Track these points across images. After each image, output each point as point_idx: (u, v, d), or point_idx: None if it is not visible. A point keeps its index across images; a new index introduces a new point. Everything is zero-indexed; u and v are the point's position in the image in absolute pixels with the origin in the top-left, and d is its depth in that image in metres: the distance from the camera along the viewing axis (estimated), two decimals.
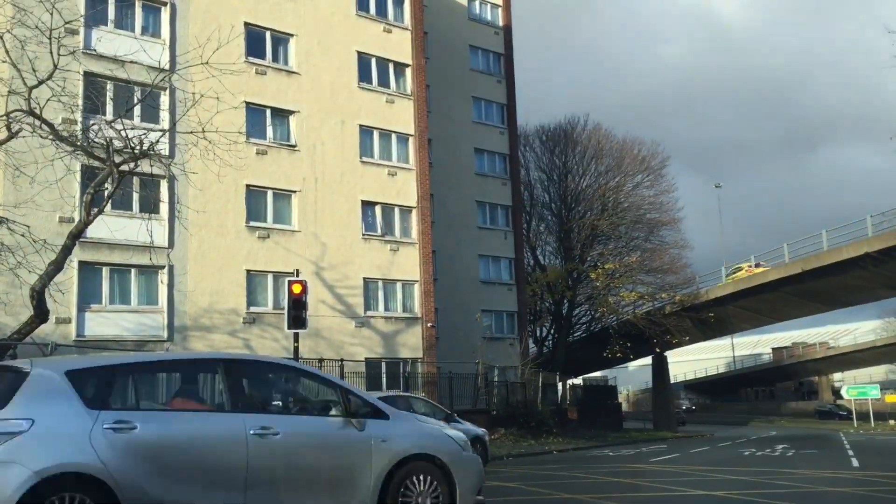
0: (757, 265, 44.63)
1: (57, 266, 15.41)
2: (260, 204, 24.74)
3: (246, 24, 25.10)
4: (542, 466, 17.95)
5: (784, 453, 22.22)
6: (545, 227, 48.35)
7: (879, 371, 76.87)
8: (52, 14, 14.50)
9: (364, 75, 27.95)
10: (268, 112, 25.33)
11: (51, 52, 14.60)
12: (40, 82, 14.87)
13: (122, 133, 15.79)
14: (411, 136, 28.89)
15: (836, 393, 70.58)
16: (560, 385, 43.28)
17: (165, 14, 23.61)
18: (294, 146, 25.70)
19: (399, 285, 27.69)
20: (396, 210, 28.05)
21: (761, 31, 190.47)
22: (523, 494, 12.02)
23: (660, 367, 51.28)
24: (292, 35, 26.28)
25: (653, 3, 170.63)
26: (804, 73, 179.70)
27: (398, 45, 29.21)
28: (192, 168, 20.87)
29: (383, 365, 26.73)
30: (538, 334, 46.88)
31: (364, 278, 26.58)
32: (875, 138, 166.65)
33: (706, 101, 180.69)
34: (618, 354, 43.50)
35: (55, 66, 14.73)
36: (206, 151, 17.75)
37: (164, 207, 22.20)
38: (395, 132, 28.50)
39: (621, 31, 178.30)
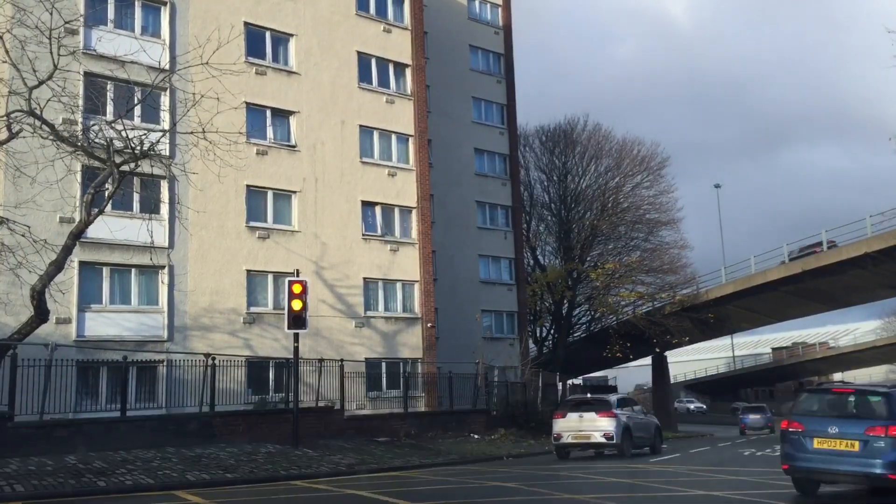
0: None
1: (57, 266, 15.45)
2: (260, 204, 24.74)
3: (246, 24, 25.09)
4: (542, 466, 17.94)
5: None
6: (545, 227, 48.35)
7: (879, 371, 76.82)
8: (51, 14, 14.54)
9: (364, 75, 27.96)
10: (268, 112, 25.33)
11: (51, 53, 14.63)
12: (41, 83, 14.90)
13: (123, 133, 15.83)
14: (411, 136, 28.90)
15: None
16: (560, 385, 43.29)
17: (165, 14, 23.61)
18: (294, 146, 25.71)
19: (399, 285, 27.70)
20: (396, 210, 28.06)
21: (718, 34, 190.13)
22: (523, 494, 12.02)
23: (660, 367, 51.29)
24: (292, 35, 26.28)
25: (605, 2, 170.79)
26: (763, 73, 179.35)
27: (398, 45, 29.22)
28: (192, 168, 20.90)
29: (383, 365, 26.75)
30: (538, 334, 46.86)
31: (364, 278, 26.59)
32: (840, 138, 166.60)
33: (664, 102, 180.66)
34: (618, 354, 43.50)
35: (55, 67, 14.75)
36: (206, 152, 17.79)
37: (164, 208, 22.20)
38: (395, 132, 28.51)
39: (577, 32, 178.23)
